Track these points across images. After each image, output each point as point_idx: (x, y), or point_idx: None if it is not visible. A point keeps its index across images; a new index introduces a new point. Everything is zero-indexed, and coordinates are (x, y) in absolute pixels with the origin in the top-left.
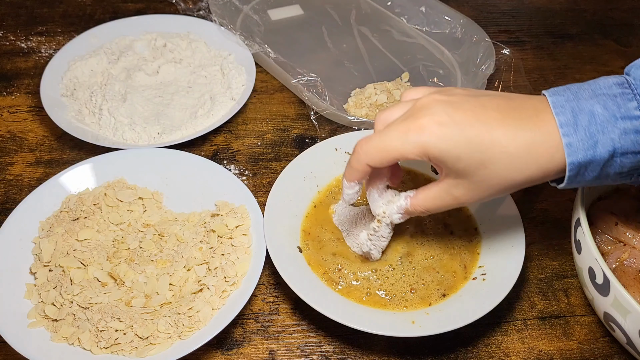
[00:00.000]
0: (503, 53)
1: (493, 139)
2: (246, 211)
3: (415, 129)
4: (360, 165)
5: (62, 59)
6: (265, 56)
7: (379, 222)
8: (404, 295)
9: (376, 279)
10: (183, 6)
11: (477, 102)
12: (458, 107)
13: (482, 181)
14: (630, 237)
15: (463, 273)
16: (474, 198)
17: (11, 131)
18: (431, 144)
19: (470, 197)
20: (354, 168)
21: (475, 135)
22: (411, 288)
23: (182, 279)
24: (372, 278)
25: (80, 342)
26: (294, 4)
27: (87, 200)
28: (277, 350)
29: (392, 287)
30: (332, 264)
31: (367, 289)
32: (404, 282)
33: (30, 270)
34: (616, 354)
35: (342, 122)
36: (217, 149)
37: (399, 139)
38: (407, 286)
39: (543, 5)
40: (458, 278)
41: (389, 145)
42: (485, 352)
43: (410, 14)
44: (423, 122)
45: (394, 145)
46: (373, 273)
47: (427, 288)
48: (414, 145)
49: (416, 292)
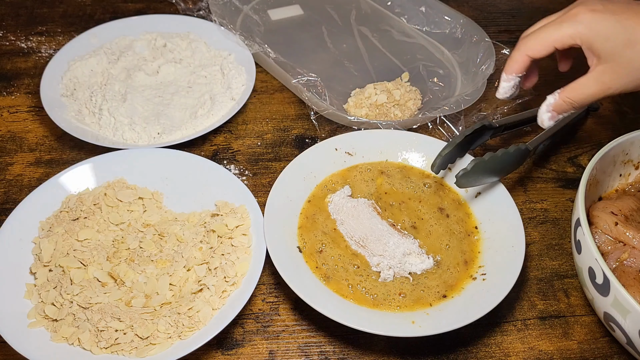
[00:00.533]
0: (503, 53)
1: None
2: (246, 211)
3: (569, 17)
4: (520, 56)
5: (62, 59)
6: (265, 56)
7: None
8: (393, 298)
9: (358, 274)
10: (183, 6)
11: (630, 1)
12: (611, 1)
13: (629, 62)
14: (630, 237)
15: (464, 269)
16: (621, 82)
17: (11, 131)
18: (584, 26)
19: (618, 81)
20: (515, 59)
21: (624, 18)
22: (400, 292)
23: (182, 279)
24: (352, 270)
25: (80, 342)
26: (294, 4)
27: (87, 200)
28: (277, 350)
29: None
30: (318, 243)
31: (346, 280)
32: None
33: (30, 270)
34: (616, 354)
35: (342, 122)
36: (217, 149)
37: (555, 28)
38: (397, 290)
39: (543, 5)
40: (460, 276)
41: (546, 34)
42: (485, 352)
43: (410, 14)
44: (577, 11)
45: (551, 33)
46: (355, 267)
47: (427, 291)
48: (569, 28)
49: (406, 297)
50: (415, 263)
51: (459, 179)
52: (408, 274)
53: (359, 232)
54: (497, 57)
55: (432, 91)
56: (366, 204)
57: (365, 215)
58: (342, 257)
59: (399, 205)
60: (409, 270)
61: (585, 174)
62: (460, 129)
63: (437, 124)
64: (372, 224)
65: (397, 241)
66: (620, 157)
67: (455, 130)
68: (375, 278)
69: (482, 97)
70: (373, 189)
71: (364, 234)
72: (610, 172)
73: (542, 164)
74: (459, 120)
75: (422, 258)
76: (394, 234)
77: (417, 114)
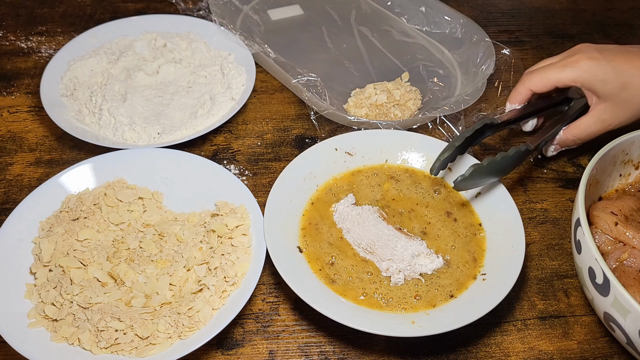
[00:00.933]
0: (503, 53)
1: (633, 66)
2: (246, 211)
3: (571, 63)
4: (524, 90)
5: (62, 59)
6: (265, 56)
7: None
8: (404, 300)
9: (372, 282)
10: (183, 6)
11: (621, 48)
12: (606, 49)
13: (625, 102)
14: (630, 237)
15: (474, 266)
16: (620, 119)
17: (11, 131)
18: (583, 71)
19: (617, 119)
20: (518, 92)
21: (619, 64)
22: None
23: (182, 279)
24: (366, 278)
25: (80, 342)
26: (294, 4)
27: (87, 200)
28: (277, 350)
29: (389, 292)
30: (327, 256)
31: (362, 289)
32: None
33: (30, 270)
34: (616, 354)
35: (342, 122)
36: (217, 149)
37: (559, 71)
38: (412, 293)
39: (543, 5)
40: (471, 273)
41: (550, 74)
42: (485, 352)
43: (410, 14)
44: (578, 58)
45: (555, 74)
46: (368, 275)
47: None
48: (571, 73)
49: (421, 299)
50: (425, 264)
51: (457, 184)
52: (419, 275)
53: (365, 239)
54: (497, 57)
55: (432, 91)
56: (371, 210)
57: (370, 221)
58: (355, 267)
59: (408, 214)
60: (420, 272)
61: (585, 174)
62: (461, 129)
63: (437, 124)
64: (378, 230)
65: (404, 244)
66: (620, 157)
67: (455, 130)
68: (387, 283)
69: (482, 97)
70: (379, 195)
71: (371, 240)
72: (610, 172)
73: (542, 164)
74: (459, 120)
75: (431, 258)
76: (401, 237)
77: (417, 114)
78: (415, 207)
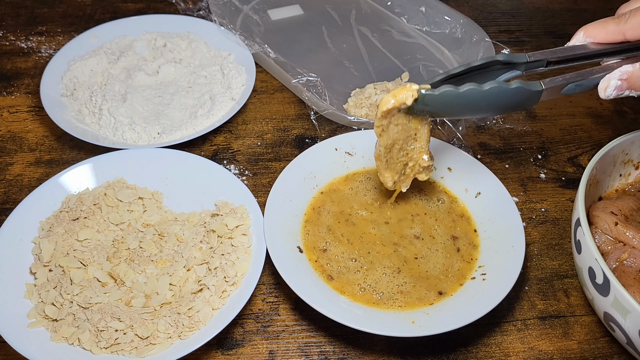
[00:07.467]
0: (503, 53)
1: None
2: (246, 211)
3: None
4: (617, 31)
5: (62, 59)
6: (265, 56)
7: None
8: (393, 295)
9: (357, 270)
10: (183, 6)
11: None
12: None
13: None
14: (630, 237)
15: (468, 266)
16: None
17: (11, 131)
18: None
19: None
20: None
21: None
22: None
23: (182, 279)
24: (354, 265)
25: (80, 342)
26: (294, 4)
27: (87, 200)
28: (277, 350)
29: (377, 284)
30: (321, 241)
31: (359, 285)
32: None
33: (30, 270)
34: (616, 354)
35: (342, 122)
36: (217, 149)
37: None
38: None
39: (543, 5)
40: (462, 271)
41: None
42: (485, 352)
43: (410, 14)
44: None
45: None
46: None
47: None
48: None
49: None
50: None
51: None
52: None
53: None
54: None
55: None
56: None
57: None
58: (344, 255)
59: (412, 217)
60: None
61: (585, 174)
62: (460, 129)
63: (437, 124)
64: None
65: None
66: (620, 157)
67: (455, 131)
68: (372, 273)
69: None
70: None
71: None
72: (610, 172)
73: (542, 164)
74: (459, 120)
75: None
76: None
77: None
78: (423, 215)
